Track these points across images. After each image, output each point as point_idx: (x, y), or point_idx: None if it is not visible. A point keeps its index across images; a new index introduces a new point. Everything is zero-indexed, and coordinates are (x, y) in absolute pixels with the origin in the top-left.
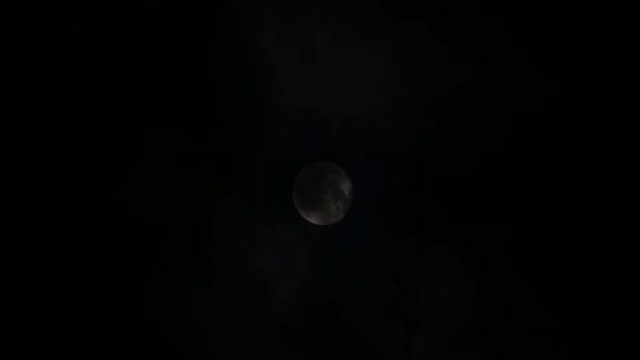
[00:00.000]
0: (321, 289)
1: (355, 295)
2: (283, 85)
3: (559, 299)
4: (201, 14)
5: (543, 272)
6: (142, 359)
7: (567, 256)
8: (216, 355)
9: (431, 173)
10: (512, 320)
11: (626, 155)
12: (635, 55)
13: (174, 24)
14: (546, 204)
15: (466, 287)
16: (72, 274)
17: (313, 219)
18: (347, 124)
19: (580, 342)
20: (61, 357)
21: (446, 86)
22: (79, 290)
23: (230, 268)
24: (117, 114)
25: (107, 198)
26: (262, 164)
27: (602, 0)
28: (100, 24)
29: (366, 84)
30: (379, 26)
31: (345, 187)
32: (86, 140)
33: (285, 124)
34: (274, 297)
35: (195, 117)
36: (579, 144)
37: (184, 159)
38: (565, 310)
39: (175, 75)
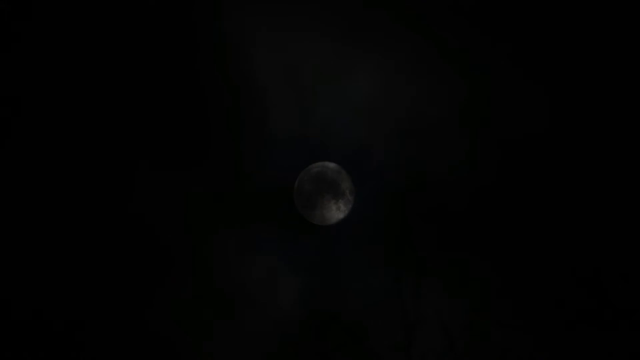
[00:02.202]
0: (321, 288)
1: (356, 295)
2: (283, 99)
3: (559, 301)
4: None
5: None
6: None
7: (567, 260)
8: (216, 356)
9: (426, 199)
10: (511, 321)
11: (624, 177)
12: None
13: (163, 52)
14: (544, 230)
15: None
16: (74, 289)
17: (313, 219)
18: (342, 142)
19: (581, 341)
20: None
21: (445, 108)
22: (80, 307)
23: (230, 268)
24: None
25: (103, 211)
26: (262, 164)
27: (610, 26)
28: (90, 42)
29: (360, 104)
30: (378, 40)
31: (346, 187)
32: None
33: (283, 135)
34: (274, 297)
35: (195, 121)
36: (579, 169)
37: (181, 162)
38: (565, 313)
39: (163, 98)
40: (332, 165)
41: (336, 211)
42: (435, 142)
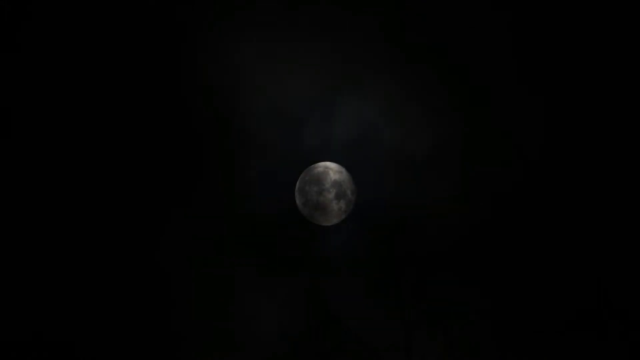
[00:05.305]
0: (322, 288)
1: (356, 295)
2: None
3: (560, 303)
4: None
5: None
6: None
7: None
8: (217, 356)
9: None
10: (511, 321)
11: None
12: None
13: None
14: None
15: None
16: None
17: (315, 219)
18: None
19: (580, 341)
20: None
21: (444, 137)
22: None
23: (230, 268)
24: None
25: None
26: (262, 165)
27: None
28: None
29: (353, 133)
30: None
31: (348, 187)
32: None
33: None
34: (274, 297)
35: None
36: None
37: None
38: (565, 314)
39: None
40: (334, 164)
41: (338, 211)
42: (427, 176)
